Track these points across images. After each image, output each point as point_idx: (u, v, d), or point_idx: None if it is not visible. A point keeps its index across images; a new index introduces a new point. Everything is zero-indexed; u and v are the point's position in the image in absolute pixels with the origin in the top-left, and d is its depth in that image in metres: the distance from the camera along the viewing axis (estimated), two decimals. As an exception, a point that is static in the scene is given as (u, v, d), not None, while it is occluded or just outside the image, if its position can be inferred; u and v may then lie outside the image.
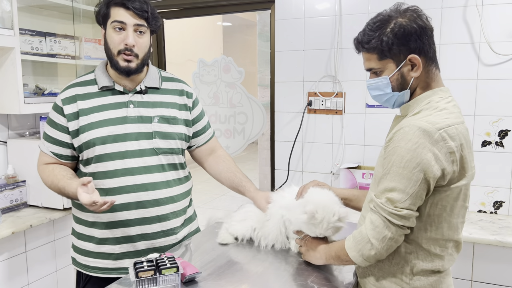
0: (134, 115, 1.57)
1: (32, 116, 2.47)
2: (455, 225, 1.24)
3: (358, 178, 2.56)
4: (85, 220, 1.59)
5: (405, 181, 1.14)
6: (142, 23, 1.53)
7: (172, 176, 1.62)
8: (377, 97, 1.31)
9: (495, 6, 2.23)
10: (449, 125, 1.15)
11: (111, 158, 1.53)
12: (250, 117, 2.98)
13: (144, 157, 1.56)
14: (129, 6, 1.49)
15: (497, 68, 2.26)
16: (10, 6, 2.05)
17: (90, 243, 1.59)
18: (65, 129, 1.55)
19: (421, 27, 1.20)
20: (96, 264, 1.59)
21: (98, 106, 1.55)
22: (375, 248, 1.17)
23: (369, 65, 1.28)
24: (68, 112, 1.54)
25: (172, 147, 1.61)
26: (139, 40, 1.53)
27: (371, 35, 1.23)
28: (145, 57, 1.57)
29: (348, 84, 2.59)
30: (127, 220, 1.55)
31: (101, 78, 1.58)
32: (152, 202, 1.56)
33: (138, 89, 1.60)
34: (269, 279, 1.35)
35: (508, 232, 2.05)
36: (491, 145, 2.31)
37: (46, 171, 1.59)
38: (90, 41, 2.64)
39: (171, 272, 1.21)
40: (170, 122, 1.61)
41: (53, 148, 1.58)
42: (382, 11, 1.27)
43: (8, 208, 2.23)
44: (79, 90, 1.58)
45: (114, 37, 1.52)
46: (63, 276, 2.50)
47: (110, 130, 1.53)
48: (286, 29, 2.72)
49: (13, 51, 2.09)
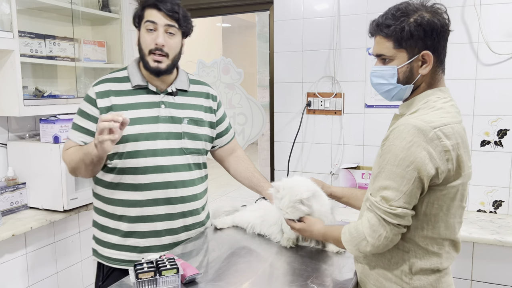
0: (165, 115, 1.63)
1: (32, 118, 2.48)
2: (452, 225, 1.24)
3: (357, 178, 2.56)
4: (113, 213, 1.64)
5: (398, 179, 1.14)
6: (172, 24, 1.58)
7: (196, 175, 1.70)
8: (378, 85, 1.29)
9: (493, 6, 2.24)
10: (445, 124, 1.16)
11: (143, 155, 1.58)
12: (250, 118, 2.99)
13: (173, 156, 1.62)
14: (161, 7, 1.56)
15: (495, 67, 2.26)
16: (9, 9, 2.05)
17: (115, 236, 1.64)
18: (97, 120, 1.54)
19: (443, 25, 1.20)
20: (120, 257, 1.64)
21: (132, 104, 1.61)
22: (371, 245, 1.19)
23: (380, 51, 1.25)
24: (101, 106, 1.59)
25: (198, 147, 1.69)
26: (170, 40, 1.59)
27: (392, 20, 1.21)
28: (175, 58, 1.63)
29: (347, 84, 2.60)
30: (154, 215, 1.61)
31: (134, 77, 1.64)
32: (179, 199, 1.64)
33: (170, 91, 1.66)
34: (269, 280, 1.35)
35: (508, 232, 2.05)
36: (490, 145, 2.31)
37: (70, 150, 1.60)
38: (89, 43, 2.65)
39: (171, 273, 1.21)
40: (198, 124, 1.69)
41: (85, 138, 1.60)
42: (406, 1, 1.25)
43: (8, 210, 2.23)
44: (112, 86, 1.62)
45: (146, 37, 1.59)
46: (64, 278, 2.50)
47: (143, 128, 1.59)
48: (285, 30, 2.72)
49: (12, 53, 2.09)
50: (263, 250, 1.57)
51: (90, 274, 2.70)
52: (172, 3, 1.58)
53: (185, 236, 1.68)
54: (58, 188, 2.25)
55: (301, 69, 2.71)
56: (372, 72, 1.29)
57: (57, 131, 2.26)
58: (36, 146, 2.29)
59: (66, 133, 2.30)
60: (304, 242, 1.60)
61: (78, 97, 2.53)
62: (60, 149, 2.22)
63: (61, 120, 2.28)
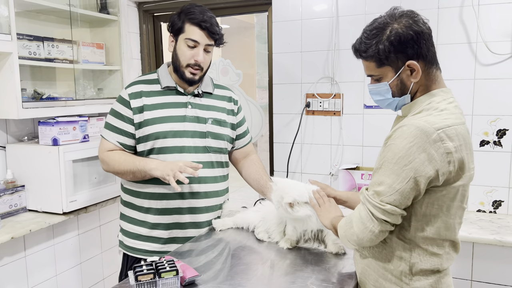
0: (191, 115, 1.75)
1: (30, 121, 2.47)
2: (452, 225, 1.24)
3: (357, 179, 2.56)
4: (140, 206, 1.75)
5: (394, 176, 1.15)
6: (212, 43, 1.72)
7: (218, 172, 1.81)
8: (379, 101, 1.33)
9: (491, 6, 2.24)
10: (449, 125, 1.16)
11: (170, 151, 1.71)
12: (249, 119, 2.98)
13: (198, 154, 1.74)
14: (205, 27, 1.67)
15: (494, 67, 2.26)
16: (7, 11, 2.05)
17: (143, 228, 1.75)
18: (131, 121, 1.71)
19: (417, 32, 1.19)
20: (145, 247, 1.75)
21: (161, 103, 1.74)
22: (356, 235, 1.21)
23: (368, 72, 1.30)
24: (134, 106, 1.71)
25: (221, 146, 1.81)
26: (206, 57, 1.73)
27: (368, 44, 1.23)
28: (207, 70, 1.78)
29: (346, 85, 2.60)
30: (179, 208, 1.72)
31: (164, 79, 1.78)
32: (202, 194, 1.75)
33: (196, 92, 1.79)
34: (269, 281, 1.35)
35: (508, 232, 2.05)
36: (489, 145, 2.31)
37: (116, 154, 1.72)
38: (88, 45, 2.64)
39: (170, 275, 1.21)
40: (221, 124, 1.81)
41: (119, 138, 1.73)
42: (378, 17, 1.26)
43: (7, 213, 2.23)
44: (143, 88, 1.75)
45: (186, 51, 1.70)
46: (63, 280, 2.49)
47: (171, 126, 1.71)
48: (284, 31, 2.72)
49: (10, 56, 2.09)
50: (263, 251, 1.57)
51: (90, 276, 2.70)
52: (214, 23, 1.70)
53: (207, 230, 1.78)
54: (57, 191, 2.24)
55: (300, 70, 2.71)
56: (370, 91, 1.33)
57: (55, 134, 2.26)
58: (35, 148, 2.29)
59: (64, 136, 2.30)
60: (304, 244, 1.60)
61: (77, 99, 2.52)
62: (58, 152, 2.22)
63: (59, 122, 2.28)
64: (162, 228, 1.73)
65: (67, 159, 2.25)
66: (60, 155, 2.22)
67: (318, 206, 1.46)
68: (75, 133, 2.36)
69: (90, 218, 2.70)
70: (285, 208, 1.46)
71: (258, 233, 1.68)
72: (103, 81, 2.86)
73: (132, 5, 3.06)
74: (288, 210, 1.46)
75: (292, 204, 1.45)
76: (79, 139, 2.39)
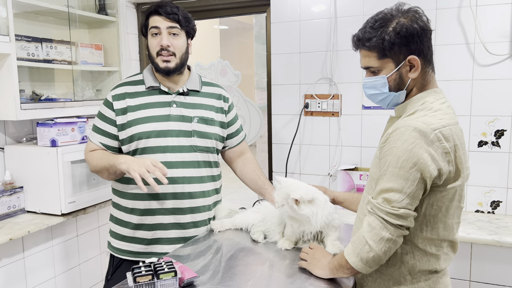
0: (176, 114, 1.73)
1: (29, 122, 2.47)
2: (451, 225, 1.24)
3: (355, 180, 2.56)
4: (125, 206, 1.74)
5: (402, 181, 1.14)
6: (174, 25, 1.69)
7: (205, 172, 1.77)
8: (372, 96, 1.30)
9: (489, 7, 2.25)
10: (444, 125, 1.16)
11: (153, 151, 1.69)
12: (247, 120, 2.99)
13: (182, 153, 1.71)
14: (161, 12, 1.67)
15: (492, 68, 2.27)
16: (5, 13, 2.05)
17: (126, 228, 1.74)
18: (113, 122, 1.71)
19: (422, 28, 1.20)
20: (129, 248, 1.74)
21: (145, 103, 1.72)
22: (373, 250, 1.16)
23: (367, 63, 1.26)
24: (117, 108, 1.71)
25: (208, 145, 1.77)
26: (174, 40, 1.69)
27: (372, 33, 1.22)
28: (183, 57, 1.73)
29: (344, 86, 2.60)
30: (162, 209, 1.70)
31: (148, 79, 1.76)
32: (186, 195, 1.71)
33: (181, 91, 1.76)
34: (267, 282, 1.35)
35: (506, 232, 2.06)
36: (487, 145, 2.31)
37: (95, 153, 1.74)
38: (86, 46, 2.64)
39: (169, 276, 1.21)
40: (208, 123, 1.77)
41: (102, 139, 1.73)
42: (383, 9, 1.25)
43: (6, 214, 2.22)
44: (128, 89, 1.75)
45: (152, 41, 1.70)
46: (62, 282, 2.49)
47: (154, 126, 1.69)
48: (282, 32, 2.72)
49: (9, 57, 2.09)
50: (262, 252, 1.57)
51: (89, 278, 2.70)
52: (171, 6, 1.69)
53: (194, 232, 1.75)
54: (55, 192, 2.24)
55: (298, 71, 2.71)
56: (364, 84, 1.30)
57: (54, 135, 2.26)
58: (33, 150, 2.28)
59: (63, 137, 2.30)
60: (303, 244, 1.60)
61: (75, 100, 2.52)
62: (57, 153, 2.22)
63: (58, 123, 2.28)
64: (145, 229, 1.71)
65: (66, 160, 2.25)
66: (58, 156, 2.22)
67: (306, 262, 1.37)
68: (73, 134, 2.36)
69: (89, 220, 2.69)
70: (291, 205, 1.43)
71: (254, 233, 1.67)
72: (101, 82, 2.86)
73: (130, 6, 3.06)
74: (294, 207, 1.43)
75: (298, 201, 1.44)
76: (78, 140, 2.39)
